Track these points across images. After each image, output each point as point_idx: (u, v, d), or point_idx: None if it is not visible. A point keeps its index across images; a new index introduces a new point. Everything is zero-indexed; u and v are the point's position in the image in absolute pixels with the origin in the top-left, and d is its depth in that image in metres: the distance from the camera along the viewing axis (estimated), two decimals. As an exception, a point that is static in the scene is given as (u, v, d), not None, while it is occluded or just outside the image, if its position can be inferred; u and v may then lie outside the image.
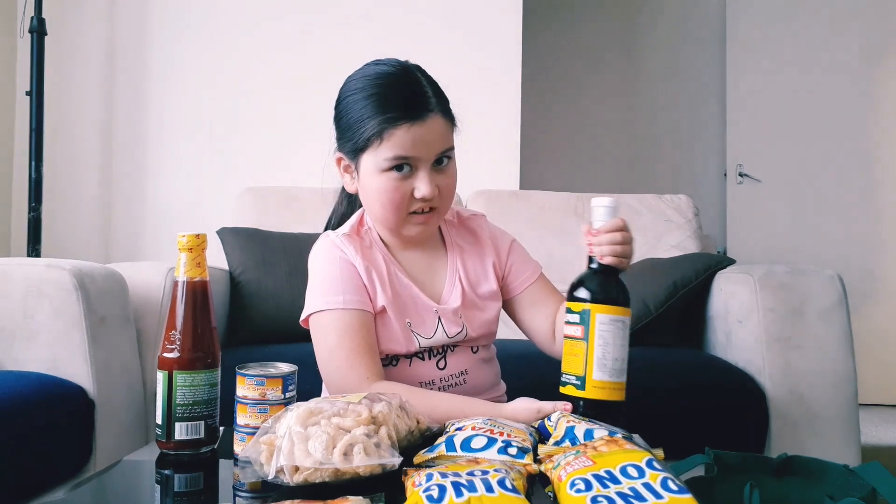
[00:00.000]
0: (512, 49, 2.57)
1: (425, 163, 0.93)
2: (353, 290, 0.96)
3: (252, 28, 2.59)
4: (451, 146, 0.96)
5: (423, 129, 0.92)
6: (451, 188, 0.98)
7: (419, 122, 0.92)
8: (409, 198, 0.94)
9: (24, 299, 1.35)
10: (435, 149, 0.93)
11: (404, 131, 0.91)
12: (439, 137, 0.94)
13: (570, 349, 0.86)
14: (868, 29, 3.39)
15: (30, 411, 1.20)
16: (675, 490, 0.56)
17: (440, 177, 0.95)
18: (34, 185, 2.31)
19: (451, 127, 0.96)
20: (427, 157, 0.93)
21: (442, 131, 0.94)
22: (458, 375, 1.00)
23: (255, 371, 0.81)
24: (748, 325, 1.63)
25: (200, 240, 0.87)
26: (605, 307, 0.84)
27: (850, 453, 1.54)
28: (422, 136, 0.92)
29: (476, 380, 1.02)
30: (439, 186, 0.95)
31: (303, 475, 0.65)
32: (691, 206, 2.28)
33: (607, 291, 0.86)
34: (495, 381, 1.09)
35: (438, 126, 0.93)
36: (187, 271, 0.85)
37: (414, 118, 0.91)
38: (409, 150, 0.92)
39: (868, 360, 2.81)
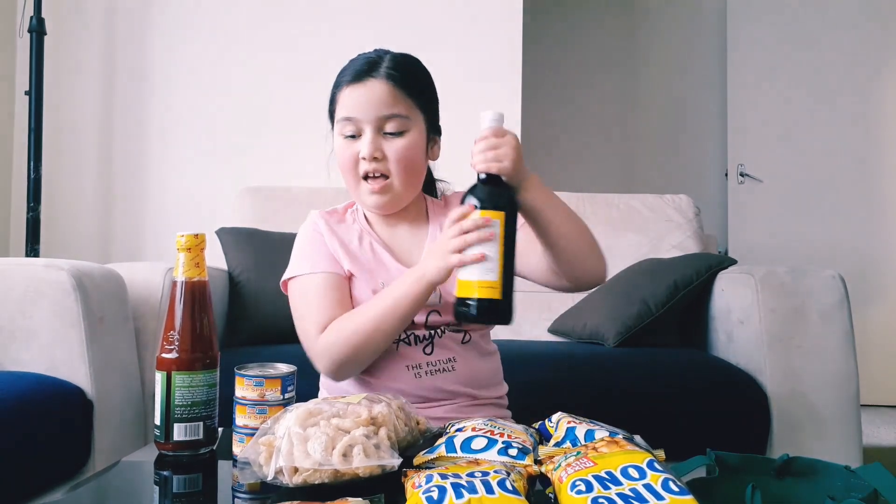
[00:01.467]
0: (512, 49, 2.56)
1: (367, 125, 0.97)
2: (321, 257, 1.03)
3: (252, 28, 2.59)
4: (400, 114, 0.98)
5: (364, 89, 0.97)
6: (405, 159, 0.99)
7: (360, 83, 0.98)
8: (356, 159, 0.99)
9: (23, 299, 1.34)
10: (375, 111, 0.97)
11: (348, 93, 0.99)
12: (380, 100, 0.97)
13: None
14: (868, 29, 3.39)
15: (28, 412, 1.20)
16: (677, 491, 0.55)
17: (389, 144, 0.98)
18: (33, 185, 2.31)
19: (407, 99, 0.99)
20: (367, 119, 0.97)
21: (385, 95, 0.97)
22: (446, 362, 1.00)
23: (254, 372, 0.80)
24: (749, 325, 1.63)
25: (199, 240, 0.86)
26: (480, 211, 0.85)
27: (852, 454, 1.54)
28: (361, 95, 0.97)
29: (469, 370, 1.01)
30: (388, 154, 0.98)
31: (302, 476, 0.65)
32: (692, 206, 2.28)
33: (477, 196, 0.86)
34: (494, 379, 1.07)
35: (381, 89, 0.97)
36: (186, 271, 0.85)
37: (356, 80, 0.98)
38: (350, 110, 0.98)
39: (870, 361, 2.80)
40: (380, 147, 0.98)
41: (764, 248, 3.35)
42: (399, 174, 0.99)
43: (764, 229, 3.41)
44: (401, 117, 0.98)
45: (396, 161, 0.98)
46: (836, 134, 3.40)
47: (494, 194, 0.85)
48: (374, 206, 1.02)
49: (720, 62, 3.69)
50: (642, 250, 2.14)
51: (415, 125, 1.00)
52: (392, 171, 0.99)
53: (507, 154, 0.85)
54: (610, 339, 1.72)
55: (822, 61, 3.41)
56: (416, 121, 1.00)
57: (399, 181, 1.00)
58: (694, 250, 2.15)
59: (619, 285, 1.91)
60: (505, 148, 0.85)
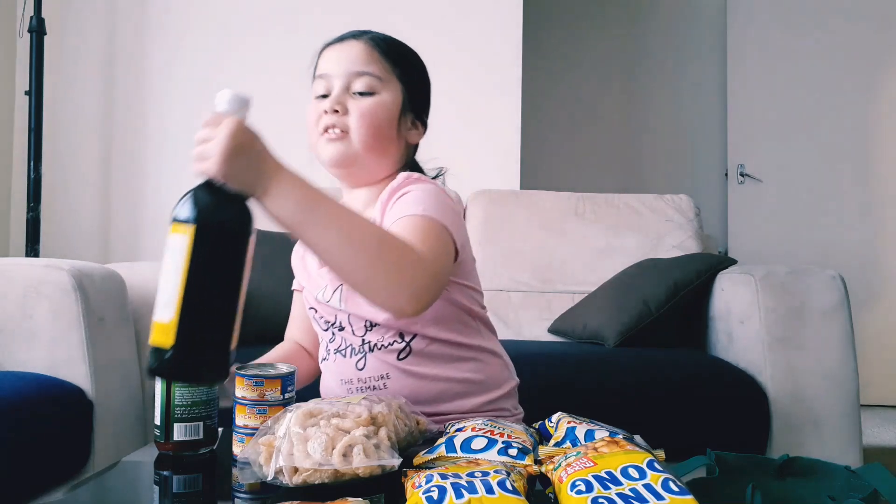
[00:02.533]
0: (512, 50, 2.56)
1: (337, 80, 0.93)
2: (296, 272, 1.06)
3: (252, 27, 2.59)
4: (372, 73, 0.93)
5: (339, 48, 0.96)
6: (368, 116, 0.92)
7: (337, 44, 0.97)
8: (320, 115, 0.94)
9: (23, 300, 1.34)
10: (346, 65, 0.94)
11: (326, 53, 0.97)
12: (355, 57, 0.94)
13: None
14: (869, 29, 3.38)
15: (28, 412, 1.20)
16: (677, 491, 0.55)
17: (354, 101, 0.93)
18: (33, 185, 2.31)
19: (384, 62, 0.95)
20: (338, 73, 0.94)
21: (361, 53, 0.95)
22: (378, 379, 0.92)
23: (254, 371, 0.80)
24: (749, 325, 1.63)
25: (199, 240, 0.86)
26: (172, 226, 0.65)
27: (852, 454, 1.54)
28: (337, 53, 0.96)
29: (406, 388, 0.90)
30: (351, 110, 0.92)
31: (302, 476, 0.65)
32: (692, 206, 2.28)
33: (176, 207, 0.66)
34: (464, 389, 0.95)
35: (357, 48, 0.95)
36: (186, 271, 0.84)
37: (334, 42, 0.98)
38: (325, 67, 0.96)
39: (870, 361, 2.81)
40: (343, 102, 0.92)
41: (764, 248, 3.35)
42: (359, 130, 0.92)
43: (764, 229, 3.41)
44: (372, 76, 0.93)
45: (358, 116, 0.92)
46: (836, 134, 3.39)
47: (190, 202, 0.65)
48: (329, 158, 0.93)
49: (720, 62, 3.69)
50: (642, 250, 2.14)
51: (387, 89, 0.94)
52: (352, 127, 0.92)
53: (212, 150, 0.67)
54: (610, 339, 1.72)
55: (822, 61, 3.41)
56: (390, 86, 0.95)
57: (358, 138, 0.92)
58: (694, 250, 2.15)
59: (619, 285, 1.91)
60: (213, 143, 0.68)
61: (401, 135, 0.97)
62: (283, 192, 0.70)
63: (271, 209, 0.70)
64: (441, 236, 0.84)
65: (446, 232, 0.85)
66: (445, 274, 0.84)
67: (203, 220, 0.64)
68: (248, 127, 0.70)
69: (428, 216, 0.84)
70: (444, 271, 0.83)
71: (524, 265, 2.19)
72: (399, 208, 0.87)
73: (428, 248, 0.79)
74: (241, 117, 0.70)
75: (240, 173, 0.68)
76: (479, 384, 0.96)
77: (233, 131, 0.68)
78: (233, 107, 0.70)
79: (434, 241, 0.82)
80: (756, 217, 3.43)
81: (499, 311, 2.11)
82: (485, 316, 1.03)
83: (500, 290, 2.16)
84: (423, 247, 0.78)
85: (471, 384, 0.95)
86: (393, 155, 0.97)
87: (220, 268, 0.65)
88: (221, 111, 0.69)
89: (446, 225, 0.85)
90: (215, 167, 0.67)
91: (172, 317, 0.62)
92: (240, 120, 0.69)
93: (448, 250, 0.85)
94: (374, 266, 0.72)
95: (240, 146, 0.68)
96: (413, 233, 0.81)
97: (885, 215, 3.36)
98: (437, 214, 0.85)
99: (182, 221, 0.64)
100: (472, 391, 0.95)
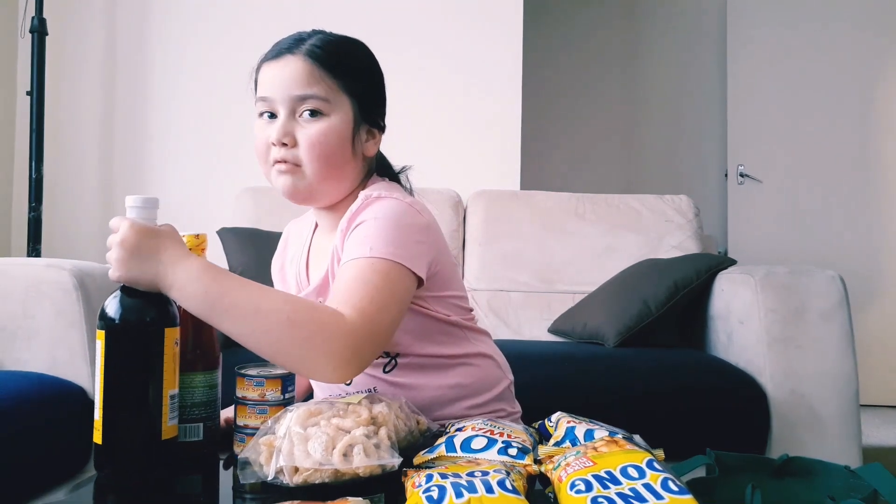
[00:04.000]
0: (512, 49, 2.57)
1: (281, 104, 0.88)
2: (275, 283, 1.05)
3: (252, 27, 2.59)
4: (316, 94, 0.87)
5: (278, 67, 0.89)
6: (319, 146, 0.87)
7: (274, 60, 0.90)
8: (268, 144, 0.89)
9: (24, 299, 1.35)
10: (288, 89, 0.87)
11: (264, 71, 0.91)
12: (296, 78, 0.87)
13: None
14: (869, 29, 3.38)
15: (30, 411, 1.20)
16: (676, 491, 0.55)
17: (302, 130, 0.87)
18: (34, 185, 2.31)
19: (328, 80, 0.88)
20: (281, 98, 0.88)
21: (301, 73, 0.87)
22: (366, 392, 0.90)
23: (255, 371, 0.80)
24: (749, 325, 1.63)
25: (200, 240, 0.86)
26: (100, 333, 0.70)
27: (852, 454, 1.54)
28: (276, 73, 0.89)
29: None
30: (300, 140, 0.87)
31: (302, 476, 0.65)
32: (692, 206, 2.28)
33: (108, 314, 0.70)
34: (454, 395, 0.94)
35: (297, 66, 0.87)
36: (186, 271, 0.85)
37: (274, 56, 0.90)
38: (265, 89, 0.90)
39: (869, 361, 2.80)
40: (290, 132, 0.87)
41: (764, 248, 3.35)
42: (312, 163, 0.87)
43: (764, 229, 3.41)
44: (317, 98, 0.87)
45: (308, 147, 0.87)
46: (836, 134, 3.39)
47: (104, 307, 0.70)
48: (284, 190, 0.90)
49: (720, 62, 3.69)
50: (642, 250, 2.14)
51: (336, 110, 0.88)
52: (304, 159, 0.87)
53: (111, 256, 0.70)
54: (610, 339, 1.72)
55: (822, 61, 3.41)
56: (339, 105, 0.88)
57: (311, 171, 0.88)
58: (694, 251, 2.15)
59: (619, 285, 1.92)
60: (112, 249, 0.70)
61: (356, 152, 0.92)
62: (184, 286, 0.71)
63: (179, 301, 0.72)
64: (388, 279, 0.80)
65: (396, 269, 0.81)
66: (387, 327, 0.80)
67: (109, 323, 0.69)
68: (141, 226, 0.71)
69: (375, 258, 0.80)
70: (386, 326, 0.79)
71: (524, 265, 2.19)
72: (350, 246, 0.84)
73: (364, 309, 0.76)
74: (147, 217, 0.72)
75: (139, 274, 0.70)
76: (470, 388, 0.95)
77: (124, 235, 0.70)
78: (138, 210, 0.72)
79: (374, 292, 0.78)
80: (756, 217, 3.43)
81: (499, 311, 2.12)
82: (470, 320, 1.00)
83: (500, 290, 2.16)
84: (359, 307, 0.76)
85: (462, 388, 0.94)
86: (350, 175, 0.93)
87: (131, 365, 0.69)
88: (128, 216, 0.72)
89: (398, 260, 0.81)
90: (116, 273, 0.70)
91: (97, 416, 0.68)
92: (132, 221, 0.71)
93: (398, 291, 0.81)
94: (286, 345, 0.73)
95: (133, 247, 0.70)
96: (352, 285, 0.78)
97: (885, 215, 3.36)
98: (388, 250, 0.81)
99: (98, 327, 0.69)
100: (464, 395, 0.94)
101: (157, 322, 0.70)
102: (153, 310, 0.71)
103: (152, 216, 0.73)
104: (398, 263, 0.81)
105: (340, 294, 0.78)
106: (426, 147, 2.44)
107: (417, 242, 0.86)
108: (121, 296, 0.70)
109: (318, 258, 0.98)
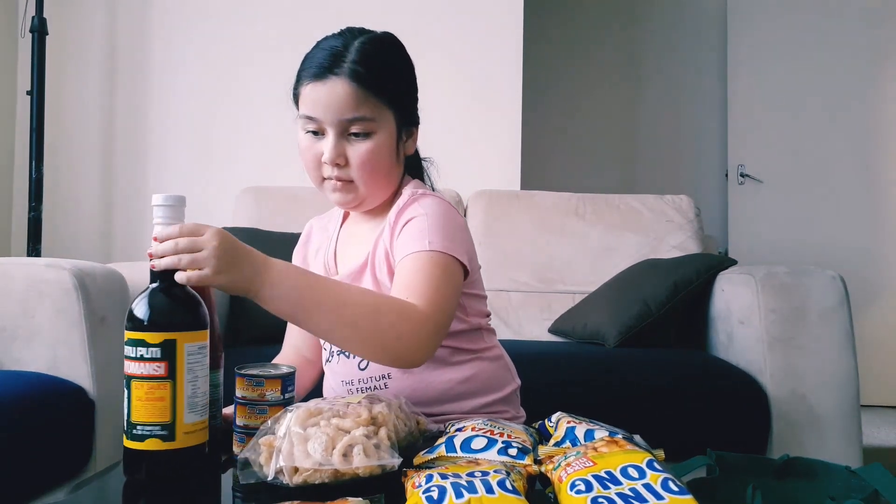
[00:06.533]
0: (513, 49, 2.57)
1: (330, 126, 0.91)
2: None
3: (252, 27, 2.59)
4: (364, 116, 0.90)
5: (324, 90, 0.90)
6: (370, 163, 0.91)
7: (320, 82, 0.91)
8: (318, 161, 0.93)
9: (25, 299, 1.35)
10: (337, 113, 0.90)
11: (309, 90, 0.92)
12: (342, 102, 0.89)
13: (145, 392, 0.69)
14: (869, 29, 3.38)
15: (29, 411, 1.20)
16: (676, 491, 0.55)
17: (353, 148, 0.91)
18: (34, 185, 2.31)
19: (373, 99, 0.90)
20: (329, 121, 0.90)
21: (347, 97, 0.89)
22: (379, 378, 0.94)
23: (254, 372, 0.80)
24: (750, 325, 1.63)
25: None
26: (193, 334, 0.71)
27: (852, 454, 1.54)
28: (322, 96, 0.90)
29: (406, 388, 0.92)
30: (351, 159, 0.91)
31: (302, 476, 0.65)
32: (692, 206, 2.28)
33: (193, 314, 0.72)
34: (463, 390, 0.96)
35: (342, 90, 0.89)
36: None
37: (316, 77, 0.91)
38: (311, 109, 0.92)
39: (870, 361, 2.80)
40: (343, 153, 0.91)
41: (764, 249, 3.35)
42: (363, 179, 0.93)
43: (764, 229, 3.41)
44: (366, 120, 0.90)
45: (360, 166, 0.91)
46: (836, 134, 3.39)
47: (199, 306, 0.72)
48: (337, 203, 0.97)
49: (720, 62, 3.69)
50: (642, 250, 2.14)
51: (382, 126, 0.92)
52: (355, 177, 0.92)
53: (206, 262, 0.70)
54: (610, 339, 1.72)
55: (822, 61, 3.41)
56: (384, 121, 0.92)
57: (363, 185, 0.93)
58: (694, 251, 2.15)
59: (619, 285, 1.92)
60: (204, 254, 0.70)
61: (400, 157, 0.97)
62: (275, 285, 0.75)
63: (266, 305, 0.75)
64: (447, 271, 0.86)
65: (454, 263, 0.88)
66: (451, 314, 0.86)
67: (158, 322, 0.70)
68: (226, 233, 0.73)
69: (435, 252, 0.86)
70: (449, 315, 0.86)
71: (524, 265, 2.19)
72: (406, 240, 0.89)
73: (432, 298, 0.82)
74: (179, 216, 0.73)
75: (236, 279, 0.73)
76: (479, 386, 0.97)
77: (222, 241, 0.71)
78: (173, 209, 0.73)
79: (440, 282, 0.84)
80: (756, 217, 3.43)
81: (499, 311, 2.12)
82: (487, 320, 1.04)
83: (500, 290, 2.16)
84: (427, 296, 0.81)
85: (471, 385, 0.96)
86: (395, 177, 0.99)
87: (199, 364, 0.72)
88: (164, 215, 0.72)
89: (454, 254, 0.87)
90: (212, 278, 0.71)
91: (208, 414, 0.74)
92: (217, 228, 0.73)
93: (456, 283, 0.88)
94: (373, 337, 0.78)
95: (229, 254, 0.72)
96: (417, 277, 0.84)
97: (885, 215, 3.36)
98: (444, 243, 0.87)
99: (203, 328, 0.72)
100: (472, 392, 0.96)
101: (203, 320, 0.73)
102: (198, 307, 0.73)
103: (182, 215, 0.74)
104: (454, 257, 0.87)
105: (407, 286, 0.83)
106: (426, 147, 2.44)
107: (464, 240, 0.92)
108: (162, 296, 0.71)
109: (348, 246, 1.03)
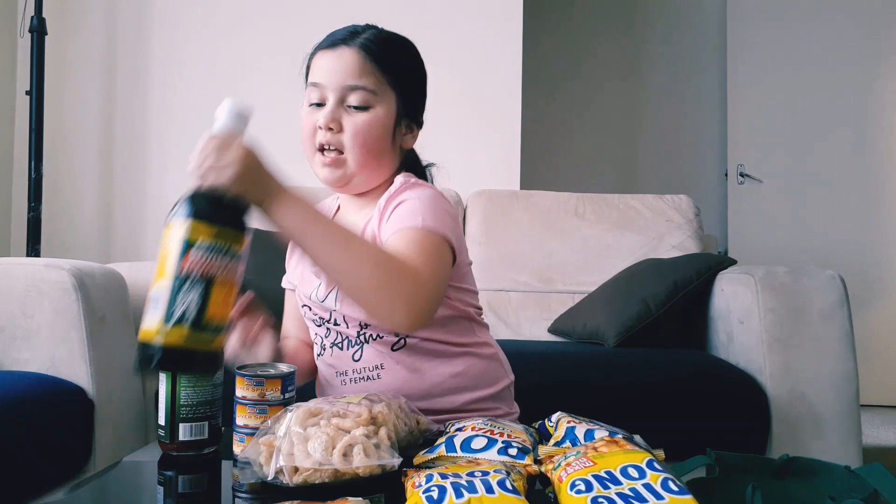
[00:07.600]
0: (512, 49, 2.57)
1: (331, 93, 0.92)
2: (288, 271, 1.07)
3: (253, 27, 2.59)
4: (366, 87, 0.92)
5: (333, 57, 0.93)
6: (363, 134, 0.92)
7: (330, 49, 0.94)
8: (314, 128, 0.93)
9: (24, 299, 1.35)
10: (340, 78, 0.92)
11: (318, 58, 0.95)
12: (347, 68, 0.92)
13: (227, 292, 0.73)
14: (869, 28, 3.38)
15: (29, 412, 1.20)
16: (676, 491, 0.55)
17: (348, 117, 0.92)
18: (34, 185, 2.31)
19: (378, 74, 0.93)
20: (331, 86, 0.92)
21: (354, 65, 0.92)
22: (372, 370, 0.94)
23: (254, 371, 0.80)
24: (749, 325, 1.63)
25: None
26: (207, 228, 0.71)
27: (852, 454, 1.54)
28: (329, 63, 0.93)
29: (399, 380, 0.92)
30: (345, 127, 0.92)
31: (302, 476, 0.65)
32: (692, 206, 2.28)
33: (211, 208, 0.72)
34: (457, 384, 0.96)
35: (351, 58, 0.92)
36: (187, 271, 0.84)
37: (330, 46, 0.95)
38: (317, 75, 0.94)
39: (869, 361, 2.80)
40: (338, 118, 0.92)
41: (764, 248, 3.35)
42: (354, 150, 0.92)
43: (764, 229, 3.41)
44: (366, 91, 0.92)
45: (353, 135, 0.92)
46: (836, 134, 3.40)
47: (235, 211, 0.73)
48: (325, 179, 0.96)
49: (720, 62, 3.69)
50: (642, 250, 2.14)
51: (382, 102, 0.93)
52: (346, 146, 0.92)
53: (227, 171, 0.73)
54: (610, 339, 1.72)
55: (821, 61, 3.41)
56: (385, 98, 0.94)
57: (353, 158, 0.93)
58: (694, 250, 2.15)
59: (619, 285, 1.92)
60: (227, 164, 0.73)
61: (395, 143, 0.97)
62: (284, 209, 0.76)
63: (281, 217, 0.76)
64: (439, 249, 0.85)
65: (444, 243, 0.86)
66: (443, 289, 0.86)
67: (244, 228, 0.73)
68: (256, 152, 0.75)
69: (427, 228, 0.85)
70: (442, 287, 0.85)
71: (524, 265, 2.19)
72: (397, 219, 0.88)
73: (426, 266, 0.81)
74: (241, 132, 0.76)
75: (250, 192, 0.74)
76: (471, 380, 0.97)
77: (244, 156, 0.74)
78: (236, 123, 0.75)
79: (432, 256, 0.83)
80: (756, 217, 3.43)
81: (499, 311, 2.12)
82: (479, 315, 1.03)
83: (500, 290, 2.16)
84: (422, 264, 0.80)
85: (462, 380, 0.96)
86: (388, 165, 0.98)
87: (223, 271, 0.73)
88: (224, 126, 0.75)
89: (445, 235, 0.86)
90: (229, 185, 0.73)
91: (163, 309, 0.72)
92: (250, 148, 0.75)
93: (446, 262, 0.87)
94: (372, 280, 0.76)
95: (251, 169, 0.74)
96: (411, 247, 0.82)
97: (884, 215, 3.36)
98: (436, 224, 0.86)
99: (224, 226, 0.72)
100: (464, 387, 0.96)
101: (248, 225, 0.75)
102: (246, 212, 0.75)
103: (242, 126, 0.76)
104: (445, 239, 0.86)
105: (401, 254, 0.81)
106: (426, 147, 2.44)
107: (454, 228, 0.91)
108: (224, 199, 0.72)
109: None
